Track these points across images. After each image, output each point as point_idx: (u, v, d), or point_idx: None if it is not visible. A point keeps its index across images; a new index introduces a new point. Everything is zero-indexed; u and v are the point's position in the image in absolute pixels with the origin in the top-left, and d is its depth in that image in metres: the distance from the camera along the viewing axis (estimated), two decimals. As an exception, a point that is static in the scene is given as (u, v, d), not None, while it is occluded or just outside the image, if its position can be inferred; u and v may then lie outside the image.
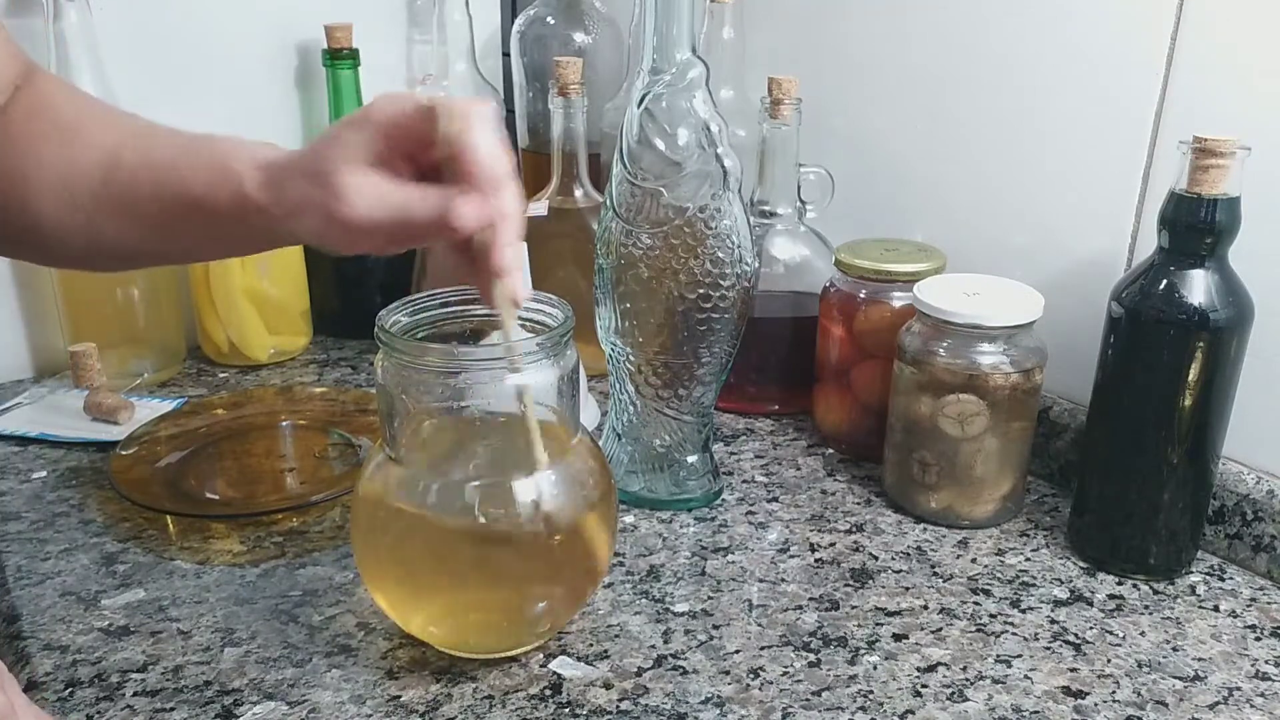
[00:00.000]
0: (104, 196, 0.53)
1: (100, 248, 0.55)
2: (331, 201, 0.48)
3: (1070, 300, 0.73)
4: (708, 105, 0.66)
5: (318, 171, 0.49)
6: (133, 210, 0.53)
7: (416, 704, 0.54)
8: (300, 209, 0.49)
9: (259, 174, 0.50)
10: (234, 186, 0.51)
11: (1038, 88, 0.75)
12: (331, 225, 0.49)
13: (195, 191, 0.52)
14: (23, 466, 0.78)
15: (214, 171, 0.51)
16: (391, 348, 0.52)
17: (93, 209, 0.53)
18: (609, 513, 0.57)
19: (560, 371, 0.54)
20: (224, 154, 0.52)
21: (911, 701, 0.55)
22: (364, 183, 0.48)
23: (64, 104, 0.56)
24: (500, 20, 1.14)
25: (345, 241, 0.50)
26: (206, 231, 0.54)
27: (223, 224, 0.52)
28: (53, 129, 0.54)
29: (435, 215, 0.48)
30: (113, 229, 0.54)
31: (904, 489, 0.73)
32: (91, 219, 0.54)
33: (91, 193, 0.53)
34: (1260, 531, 0.66)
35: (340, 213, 0.48)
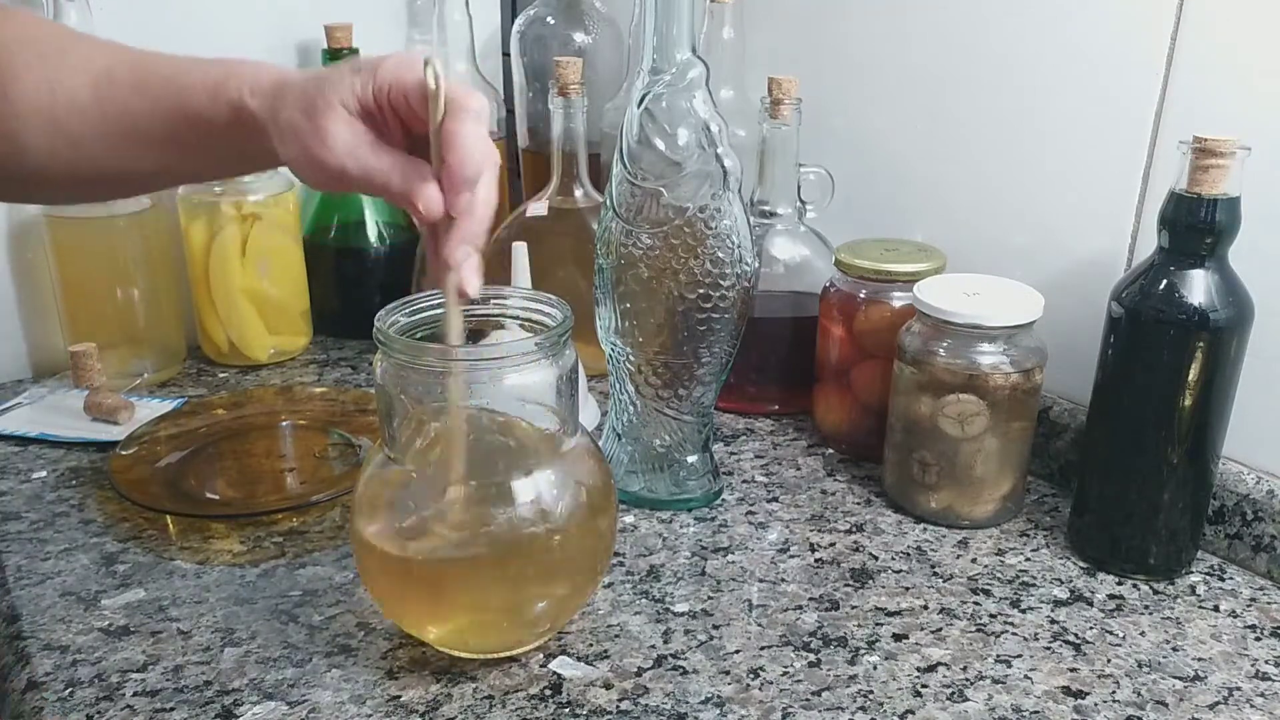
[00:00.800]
0: (94, 116, 0.53)
1: (89, 174, 0.55)
2: (312, 139, 0.49)
3: (1070, 300, 0.73)
4: (708, 105, 0.66)
5: (312, 104, 0.49)
6: (125, 129, 0.53)
7: (416, 704, 0.54)
8: (286, 133, 0.50)
9: (257, 89, 0.51)
10: (232, 95, 0.51)
11: (1038, 88, 0.75)
12: (307, 159, 0.50)
13: (194, 104, 0.52)
14: (23, 466, 0.78)
15: (214, 83, 0.52)
16: (390, 348, 0.52)
17: (81, 131, 0.53)
18: (609, 513, 0.57)
19: (559, 371, 0.54)
20: (225, 67, 0.52)
21: (911, 701, 0.55)
22: (347, 132, 0.49)
23: (47, 33, 0.56)
24: (500, 20, 1.14)
25: (316, 179, 0.51)
26: (202, 147, 0.53)
27: (219, 137, 0.52)
28: (36, 57, 0.53)
29: (401, 191, 0.49)
30: (102, 150, 0.54)
31: (904, 489, 0.73)
32: (80, 142, 0.53)
33: (80, 113, 0.53)
34: (1260, 531, 0.66)
35: (317, 152, 0.49)
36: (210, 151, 0.54)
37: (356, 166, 0.49)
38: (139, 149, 0.54)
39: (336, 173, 0.50)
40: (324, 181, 0.51)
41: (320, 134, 0.49)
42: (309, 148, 0.49)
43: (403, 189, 0.49)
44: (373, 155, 0.49)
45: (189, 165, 0.56)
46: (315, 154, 0.49)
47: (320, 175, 0.51)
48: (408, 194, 0.49)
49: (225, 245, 0.92)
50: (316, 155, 0.49)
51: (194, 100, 0.52)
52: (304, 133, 0.49)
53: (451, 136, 0.48)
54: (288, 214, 0.96)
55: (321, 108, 0.49)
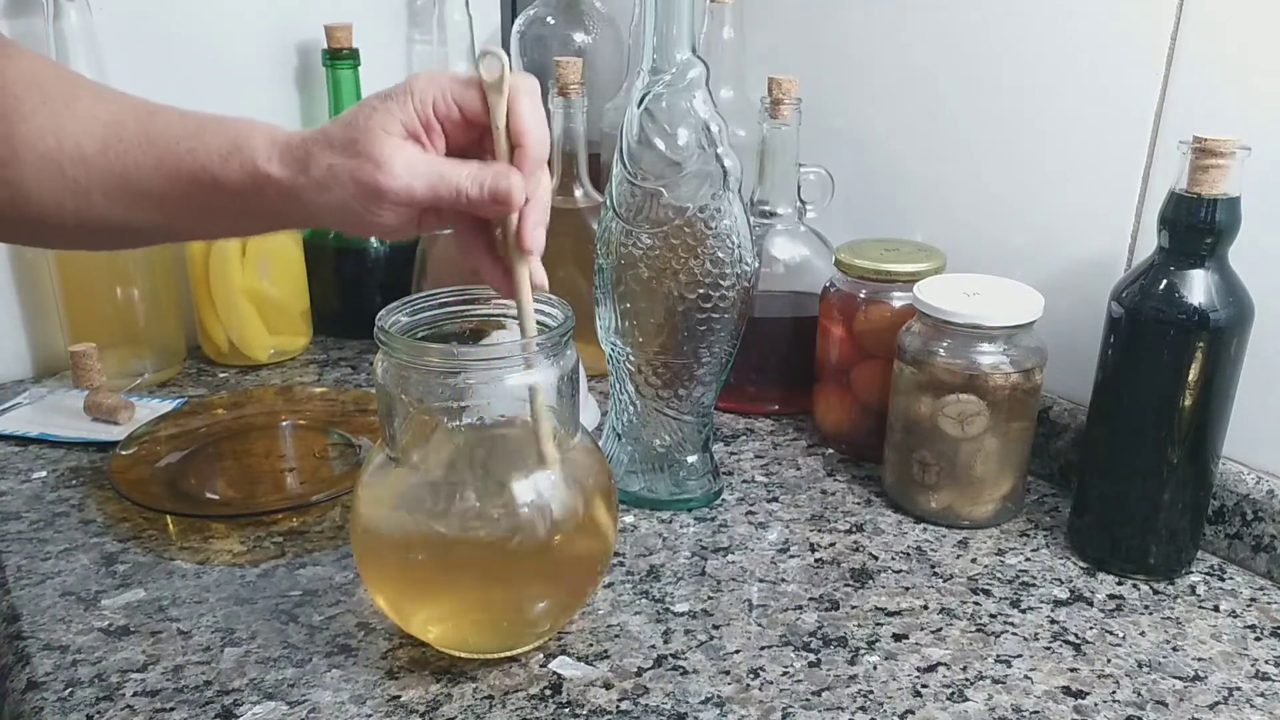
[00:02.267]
0: (101, 170, 0.52)
1: (94, 225, 0.53)
2: (368, 169, 0.47)
3: (1070, 300, 0.73)
4: (708, 105, 0.66)
5: (353, 140, 0.48)
6: (133, 185, 0.52)
7: (416, 704, 0.54)
8: (329, 179, 0.48)
9: (275, 149, 0.50)
10: (247, 161, 0.50)
11: (1038, 88, 0.75)
12: (364, 197, 0.48)
13: (204, 166, 0.50)
14: (23, 466, 0.78)
15: (226, 145, 0.50)
16: (391, 348, 0.52)
17: (87, 184, 0.52)
18: (609, 513, 0.57)
19: (560, 372, 0.54)
20: (237, 129, 0.51)
21: (911, 701, 0.55)
22: (401, 152, 0.48)
23: (53, 78, 0.54)
24: (500, 20, 1.14)
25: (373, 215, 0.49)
26: (212, 207, 0.52)
27: (231, 200, 0.51)
28: (41, 102, 0.52)
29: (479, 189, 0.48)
30: (108, 205, 0.52)
31: (904, 489, 0.73)
32: (86, 195, 0.52)
33: (86, 165, 0.52)
34: (1260, 531, 0.66)
35: (377, 180, 0.48)
36: (225, 214, 0.53)
37: (423, 183, 0.48)
38: (146, 206, 0.52)
39: (404, 197, 0.48)
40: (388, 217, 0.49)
41: (378, 162, 0.47)
42: (365, 182, 0.48)
43: (479, 190, 0.48)
44: (435, 167, 0.49)
45: (201, 224, 0.55)
46: (375, 186, 0.48)
47: (382, 210, 0.49)
48: (492, 191, 0.48)
49: (225, 245, 0.92)
50: (376, 186, 0.48)
51: (207, 164, 0.50)
52: (354, 170, 0.48)
53: (522, 119, 0.48)
54: (288, 214, 0.96)
55: (367, 141, 0.48)
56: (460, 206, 0.50)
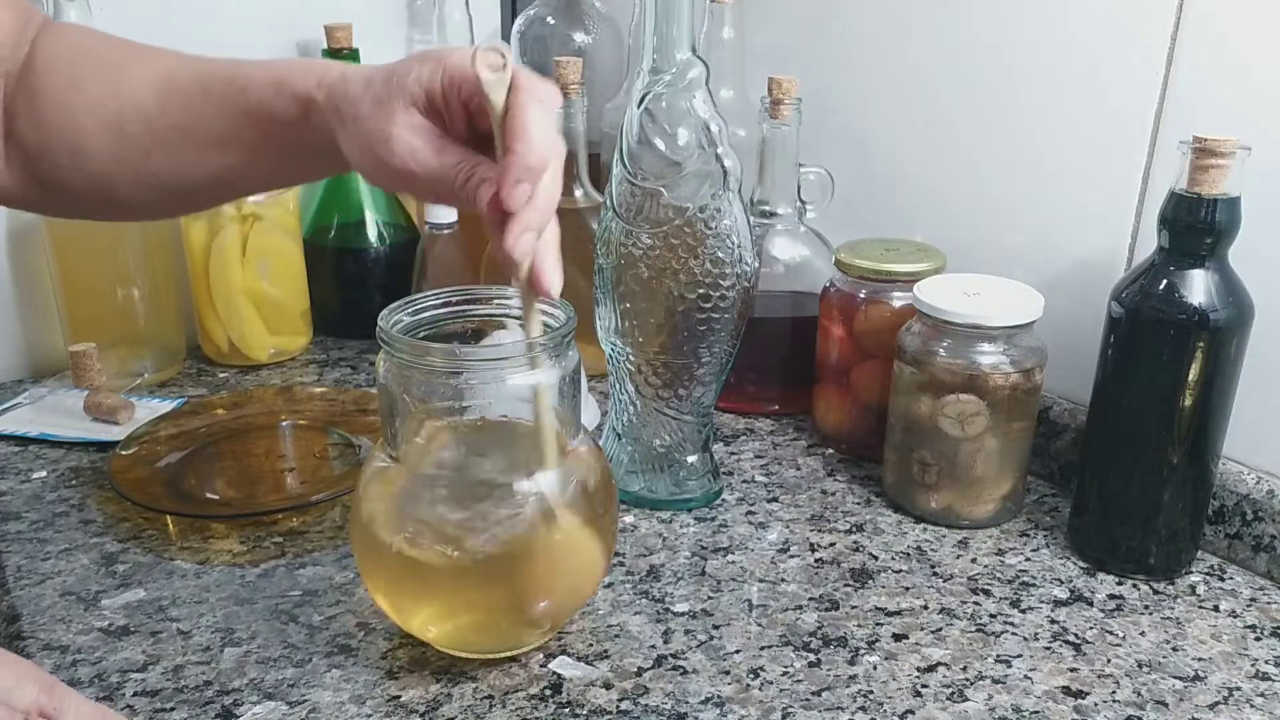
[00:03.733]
0: (160, 124, 0.53)
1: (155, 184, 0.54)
2: (378, 139, 0.48)
3: (1070, 300, 0.73)
4: (708, 105, 0.66)
5: (378, 98, 0.48)
6: (190, 131, 0.53)
7: (416, 704, 0.54)
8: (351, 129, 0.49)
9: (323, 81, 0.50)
10: (297, 88, 0.51)
11: (1037, 88, 0.75)
12: (371, 159, 0.49)
13: (258, 98, 0.51)
14: (23, 466, 0.78)
15: (276, 78, 0.51)
16: (392, 348, 0.52)
17: (149, 141, 0.53)
18: (609, 513, 0.57)
19: (561, 372, 0.54)
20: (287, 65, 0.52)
21: (911, 701, 0.55)
22: (409, 135, 0.48)
23: (104, 46, 0.56)
24: (500, 20, 1.14)
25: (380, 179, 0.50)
26: (265, 145, 0.53)
27: (283, 134, 0.52)
28: (96, 71, 0.54)
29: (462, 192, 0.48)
30: (166, 156, 0.53)
31: (904, 489, 0.73)
32: (147, 152, 0.53)
33: (146, 122, 0.53)
34: (1260, 531, 0.66)
35: (381, 153, 0.48)
36: (275, 150, 0.53)
37: (422, 170, 0.48)
38: (203, 152, 0.53)
39: (402, 174, 0.49)
40: (388, 182, 0.51)
41: (384, 136, 0.48)
42: (373, 149, 0.49)
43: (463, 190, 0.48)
44: (435, 156, 0.48)
45: (255, 167, 0.55)
46: (379, 155, 0.49)
47: (384, 176, 0.50)
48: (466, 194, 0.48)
49: (225, 245, 0.92)
50: (380, 156, 0.49)
51: (257, 96, 0.52)
52: (366, 133, 0.48)
53: (517, 125, 0.46)
54: (288, 214, 0.96)
55: (388, 107, 0.48)
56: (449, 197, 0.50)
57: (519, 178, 0.46)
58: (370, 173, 0.51)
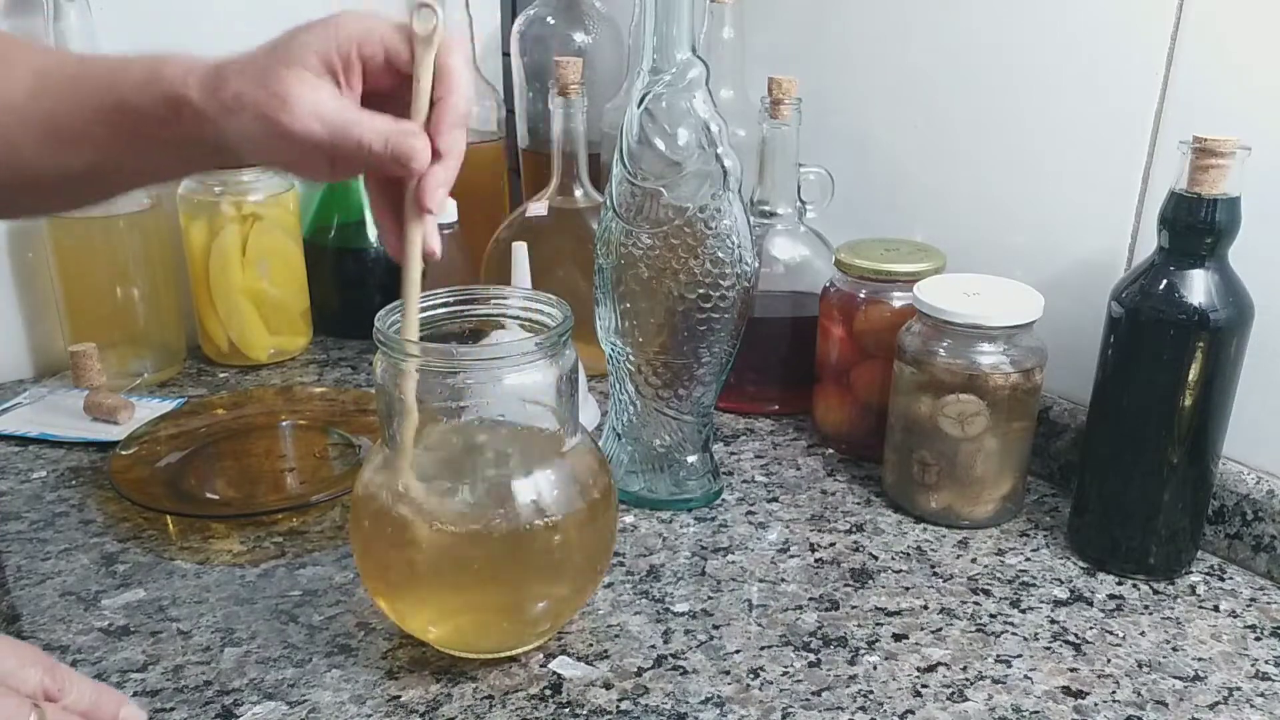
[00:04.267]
0: (29, 115, 0.51)
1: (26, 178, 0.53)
2: (274, 104, 0.46)
3: (1070, 300, 0.73)
4: (708, 105, 0.66)
5: (264, 69, 0.47)
6: (56, 126, 0.51)
7: (416, 704, 0.54)
8: (237, 107, 0.47)
9: (194, 74, 0.48)
10: (166, 86, 0.48)
11: (1037, 87, 0.75)
12: (268, 132, 0.47)
13: (124, 97, 0.49)
14: (23, 466, 0.78)
15: (146, 74, 0.49)
16: (390, 348, 0.52)
17: (18, 131, 0.51)
18: (609, 513, 0.57)
19: (559, 371, 0.54)
20: (159, 60, 0.50)
21: (911, 701, 0.55)
22: (312, 92, 0.46)
23: None
24: (500, 20, 1.14)
25: (279, 153, 0.48)
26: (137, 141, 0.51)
27: (153, 129, 0.49)
28: None
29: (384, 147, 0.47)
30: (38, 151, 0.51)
31: (904, 489, 0.73)
32: (15, 143, 0.51)
33: (16, 112, 0.51)
34: (1260, 531, 0.66)
35: (280, 119, 0.46)
36: (145, 146, 0.51)
37: (325, 128, 0.46)
38: (70, 146, 0.51)
39: (305, 138, 0.47)
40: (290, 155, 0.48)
41: (282, 97, 0.46)
42: (268, 116, 0.46)
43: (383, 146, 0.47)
44: (341, 115, 0.47)
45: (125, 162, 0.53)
46: (277, 122, 0.46)
47: (284, 148, 0.47)
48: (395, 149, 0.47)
49: (225, 245, 0.92)
50: (279, 123, 0.46)
51: (125, 93, 0.49)
52: (260, 102, 0.46)
53: (448, 72, 0.47)
54: (288, 214, 0.96)
55: (278, 72, 0.46)
56: (362, 160, 0.48)
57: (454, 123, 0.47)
58: (268, 147, 0.48)
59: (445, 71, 0.47)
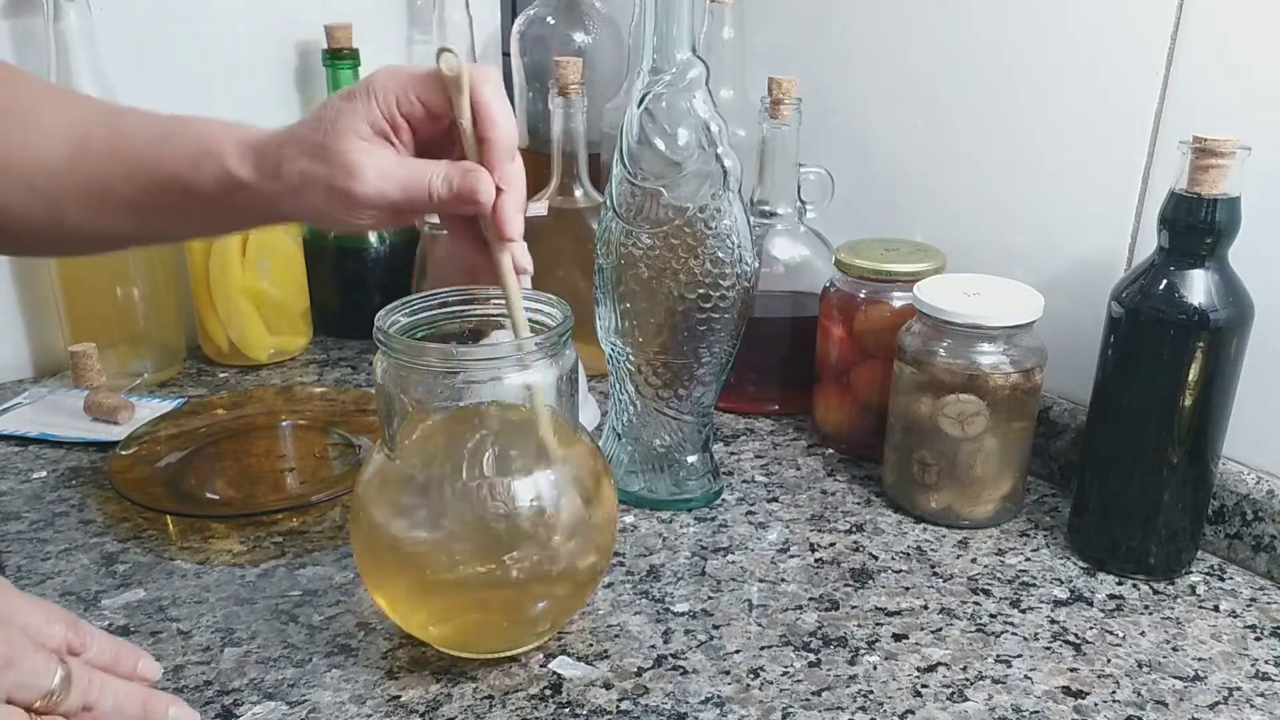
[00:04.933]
0: (70, 183, 0.52)
1: (68, 234, 0.54)
2: (340, 177, 0.48)
3: (1070, 300, 0.73)
4: (708, 105, 0.66)
5: (321, 145, 0.48)
6: (104, 194, 0.52)
7: (416, 704, 0.54)
8: (302, 185, 0.49)
9: (244, 151, 0.50)
10: (217, 165, 0.50)
11: (1037, 87, 0.75)
12: (337, 201, 0.49)
13: (175, 172, 0.51)
14: (23, 466, 0.78)
15: (195, 151, 0.50)
16: (390, 348, 0.52)
17: (58, 195, 0.52)
18: (609, 513, 0.57)
19: (559, 371, 0.54)
20: (204, 133, 0.51)
21: (911, 701, 0.55)
22: (373, 157, 0.48)
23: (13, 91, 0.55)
24: (500, 20, 1.14)
25: (348, 217, 0.50)
26: (186, 213, 0.53)
27: (204, 205, 0.51)
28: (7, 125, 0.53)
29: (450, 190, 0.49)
30: (80, 215, 0.53)
31: (904, 489, 0.73)
32: (57, 206, 0.52)
33: (55, 179, 0.52)
34: (1260, 531, 0.66)
35: (350, 189, 0.48)
36: (196, 218, 0.53)
37: (396, 187, 0.48)
38: (116, 213, 0.53)
39: (376, 202, 0.49)
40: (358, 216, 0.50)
41: (348, 169, 0.48)
42: (340, 188, 0.48)
43: (449, 190, 0.49)
44: (410, 165, 0.49)
45: (173, 228, 0.55)
46: (347, 192, 0.48)
47: (356, 213, 0.49)
48: (460, 190, 0.48)
49: (225, 245, 0.92)
50: (349, 193, 0.48)
51: (176, 171, 0.51)
52: (324, 176, 0.48)
53: (487, 111, 0.48)
54: (288, 214, 0.96)
55: (336, 146, 0.48)
56: (434, 208, 0.50)
57: (504, 157, 0.49)
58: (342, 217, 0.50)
59: (481, 108, 0.49)
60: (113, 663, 0.48)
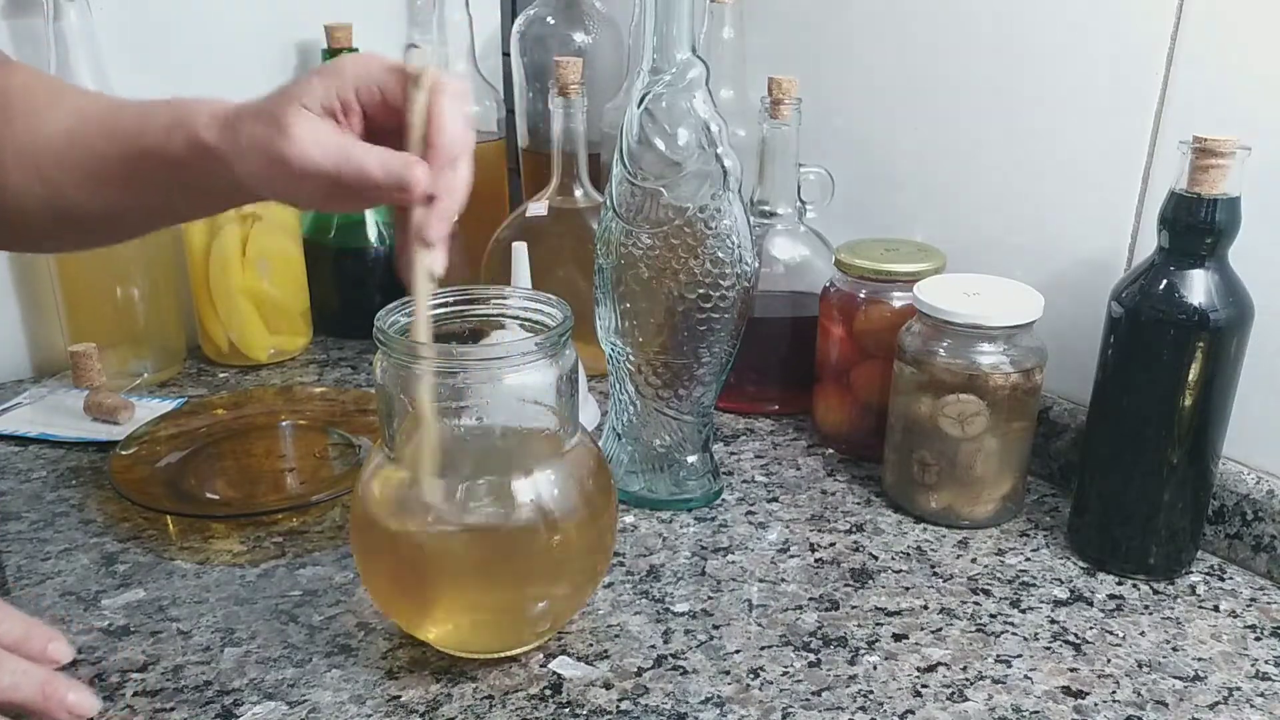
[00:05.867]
0: (68, 161, 0.54)
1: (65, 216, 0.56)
2: (277, 138, 0.49)
3: (1070, 300, 0.73)
4: (708, 105, 0.66)
5: (269, 110, 0.49)
6: (91, 168, 0.54)
7: (416, 704, 0.54)
8: (248, 148, 0.50)
9: (214, 119, 0.51)
10: (188, 132, 0.51)
11: (1038, 88, 0.75)
12: (274, 165, 0.49)
13: (151, 144, 0.52)
14: (23, 466, 0.78)
15: (171, 121, 0.52)
16: (390, 348, 0.52)
17: (57, 176, 0.54)
18: (609, 513, 0.57)
19: (559, 371, 0.54)
20: (182, 107, 0.53)
21: (911, 701, 0.55)
22: (313, 126, 0.49)
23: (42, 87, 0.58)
24: (500, 20, 1.14)
25: (287, 186, 0.51)
26: (160, 184, 0.54)
27: (176, 173, 0.53)
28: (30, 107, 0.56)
29: (383, 173, 0.49)
30: (76, 193, 0.55)
31: (904, 489, 0.73)
32: (56, 187, 0.55)
33: (56, 158, 0.54)
34: (1260, 531, 0.66)
35: (284, 151, 0.48)
36: (170, 187, 0.54)
37: (327, 157, 0.49)
38: (102, 187, 0.55)
39: (310, 169, 0.49)
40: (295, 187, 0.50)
41: (284, 131, 0.48)
42: (275, 151, 0.49)
43: (385, 173, 0.49)
44: (340, 142, 0.49)
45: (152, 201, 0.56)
46: (282, 153, 0.49)
47: (290, 179, 0.50)
48: (395, 176, 0.49)
49: (225, 245, 0.92)
50: (283, 154, 0.49)
51: (152, 139, 0.53)
52: (265, 139, 0.49)
53: (437, 114, 0.49)
54: (288, 214, 0.96)
55: (281, 111, 0.49)
56: (364, 188, 0.50)
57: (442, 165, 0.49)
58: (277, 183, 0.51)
59: (434, 114, 0.49)
60: (20, 641, 0.49)
